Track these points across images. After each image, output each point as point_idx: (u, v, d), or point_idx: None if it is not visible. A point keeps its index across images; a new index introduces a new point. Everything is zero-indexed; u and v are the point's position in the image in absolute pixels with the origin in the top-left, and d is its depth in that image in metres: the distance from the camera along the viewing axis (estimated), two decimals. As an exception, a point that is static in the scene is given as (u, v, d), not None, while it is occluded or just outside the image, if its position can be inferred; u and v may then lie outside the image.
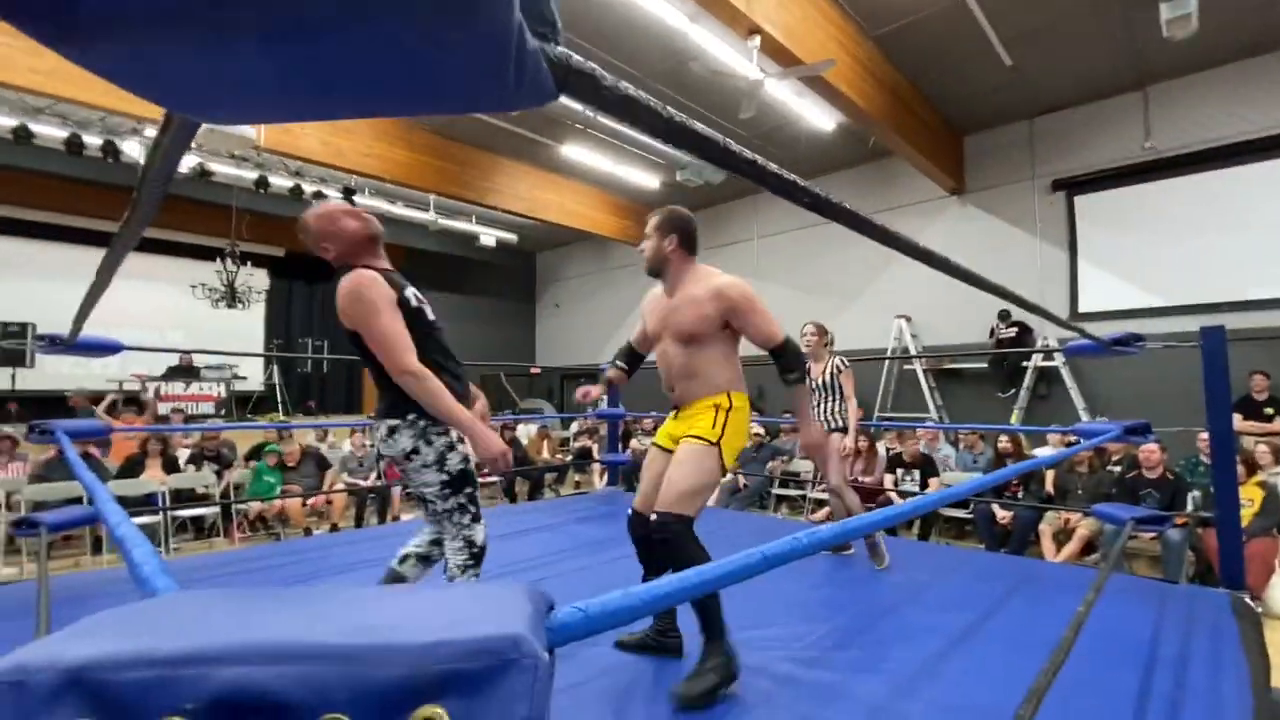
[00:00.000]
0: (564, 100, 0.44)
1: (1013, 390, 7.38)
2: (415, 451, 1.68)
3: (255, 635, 0.28)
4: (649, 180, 9.07)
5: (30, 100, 6.28)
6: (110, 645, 0.30)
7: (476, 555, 1.76)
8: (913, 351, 8.01)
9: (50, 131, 6.63)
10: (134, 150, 7.21)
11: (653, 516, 1.88)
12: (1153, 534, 3.97)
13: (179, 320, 10.45)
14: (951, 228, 8.15)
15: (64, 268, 8.83)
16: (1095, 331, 2.86)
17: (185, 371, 9.23)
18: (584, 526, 4.11)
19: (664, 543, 1.85)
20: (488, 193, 8.44)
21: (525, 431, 8.68)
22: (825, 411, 3.58)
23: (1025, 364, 7.25)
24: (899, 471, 5.40)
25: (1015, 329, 7.20)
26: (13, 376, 7.64)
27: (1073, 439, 4.84)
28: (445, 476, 1.71)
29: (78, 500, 4.84)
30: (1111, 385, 6.80)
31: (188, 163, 7.62)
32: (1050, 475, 5.09)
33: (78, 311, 1.76)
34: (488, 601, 0.36)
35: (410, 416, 1.67)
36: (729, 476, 6.45)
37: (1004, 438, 5.01)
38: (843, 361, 3.68)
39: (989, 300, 7.70)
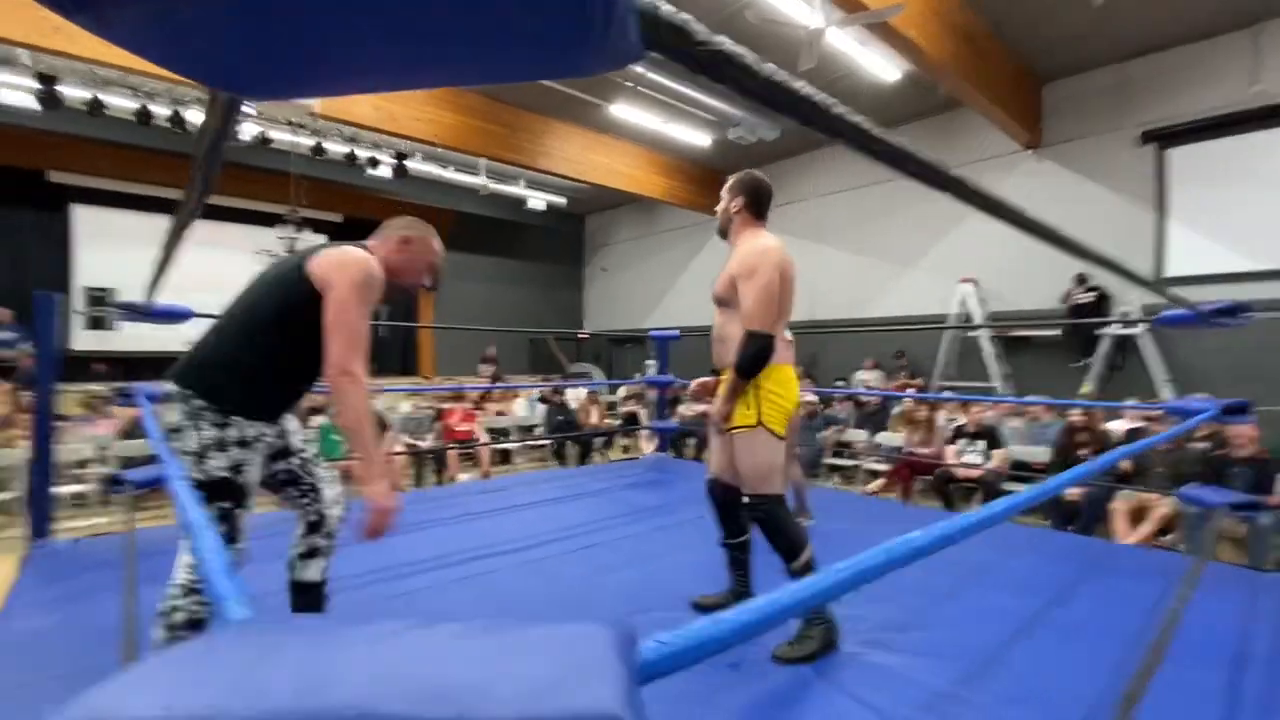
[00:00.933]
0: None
1: (1085, 360, 6.96)
2: (177, 431, 1.41)
3: (319, 701, 0.25)
4: (700, 138, 8.79)
5: (100, 72, 6.51)
6: (167, 702, 0.27)
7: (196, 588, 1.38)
8: (977, 318, 7.63)
9: (121, 103, 6.87)
10: (199, 119, 7.43)
11: (745, 499, 1.99)
12: (1242, 518, 3.70)
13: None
14: (1024, 184, 7.62)
15: (143, 235, 9.29)
16: (1188, 297, 2.60)
17: (253, 334, 9.65)
18: (633, 493, 4.13)
19: (763, 520, 1.94)
20: (537, 156, 8.36)
21: (574, 395, 8.76)
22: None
23: (1101, 332, 6.80)
24: (961, 442, 5.19)
25: (1093, 294, 6.74)
26: (100, 339, 8.15)
27: (1157, 415, 4.54)
28: (200, 476, 1.39)
29: (154, 458, 5.16)
30: (1198, 356, 6.32)
31: (249, 131, 7.81)
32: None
33: (150, 282, 1.80)
34: (573, 652, 0.32)
35: (188, 391, 1.40)
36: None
37: (1075, 410, 4.72)
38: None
39: (1060, 264, 7.21)
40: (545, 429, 7.79)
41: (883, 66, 6.59)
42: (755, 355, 1.90)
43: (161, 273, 1.63)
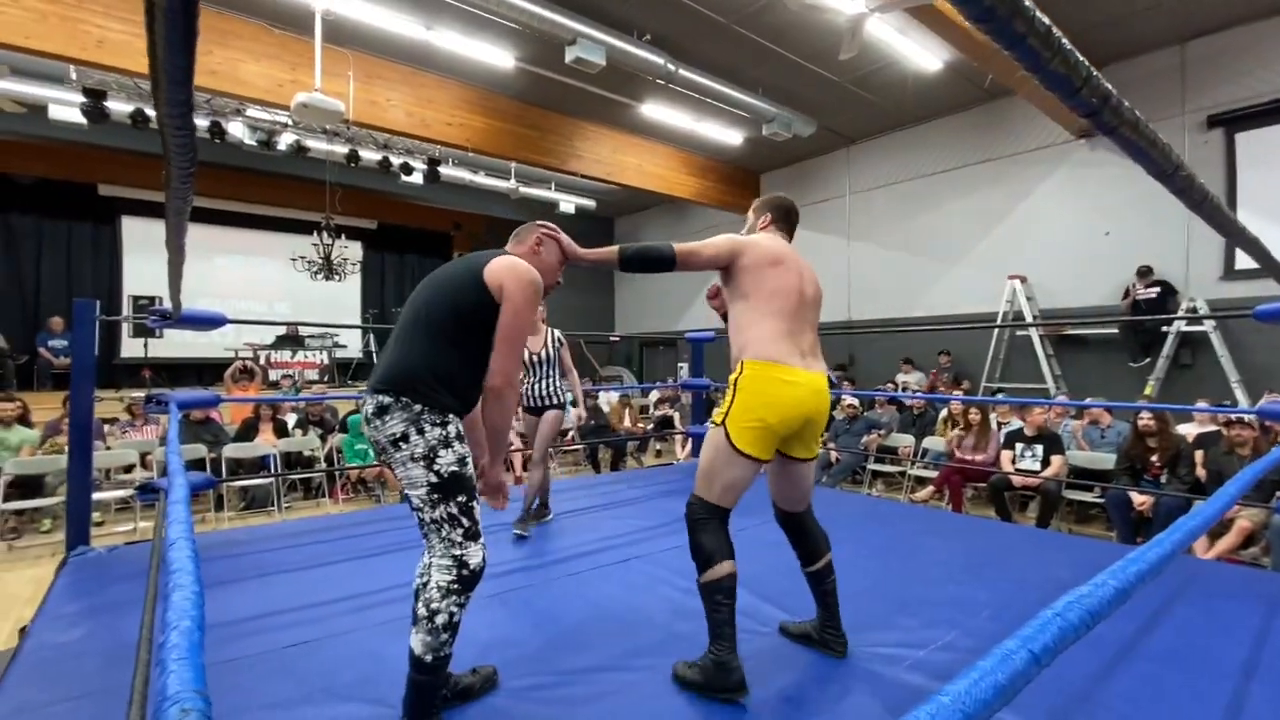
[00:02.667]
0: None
1: (1147, 359, 6.55)
2: (404, 439, 1.43)
3: None
4: (732, 136, 8.61)
5: (143, 86, 6.66)
6: None
7: (466, 579, 1.44)
8: (1028, 316, 7.26)
9: (164, 115, 7.02)
10: (237, 130, 7.57)
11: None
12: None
13: (285, 292, 11.11)
14: (1077, 175, 7.24)
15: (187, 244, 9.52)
16: (1254, 292, 2.35)
17: (292, 340, 9.82)
18: (668, 500, 3.98)
19: (687, 520, 1.78)
20: (568, 158, 8.29)
21: (606, 399, 8.65)
22: (546, 386, 3.44)
23: (1166, 329, 6.39)
24: (1018, 447, 4.89)
25: (1157, 289, 6.33)
26: (145, 345, 8.37)
27: (1234, 419, 4.20)
28: (434, 478, 1.43)
29: (200, 463, 5.23)
30: (1270, 354, 5.87)
31: (285, 140, 7.93)
32: (1199, 457, 4.46)
33: (170, 288, 1.73)
34: None
35: (405, 398, 1.44)
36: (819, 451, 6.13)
37: (1145, 414, 4.40)
38: (561, 335, 3.65)
39: (1117, 258, 6.83)
40: (578, 433, 7.69)
41: (924, 55, 6.33)
42: (640, 253, 1.87)
43: (176, 278, 1.55)
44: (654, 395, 9.34)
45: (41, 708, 1.59)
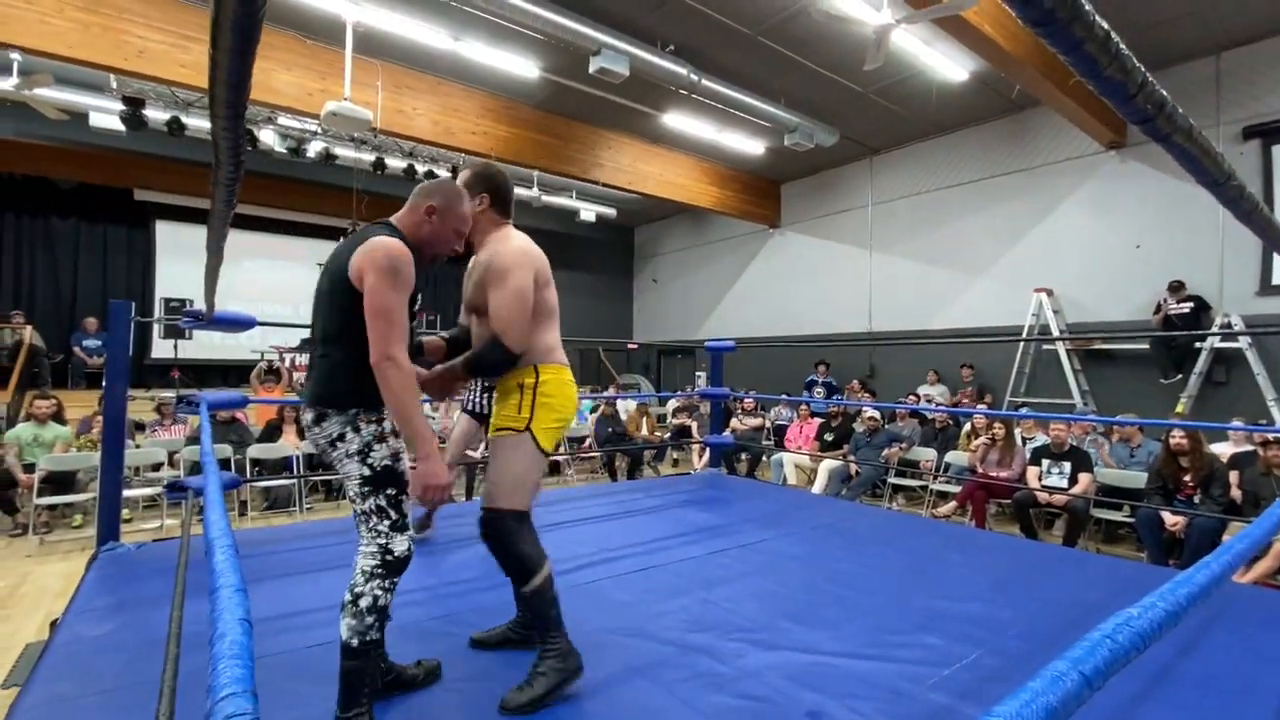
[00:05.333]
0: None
1: (1179, 376, 6.39)
2: (341, 438, 1.50)
3: None
4: (754, 146, 8.62)
5: (180, 94, 6.86)
6: None
7: (390, 565, 1.49)
8: (1055, 329, 7.13)
9: (199, 123, 7.21)
10: (268, 138, 7.75)
11: (480, 513, 1.73)
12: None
13: (309, 295, 11.27)
14: (1107, 187, 7.12)
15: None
16: None
17: (315, 344, 9.96)
18: (687, 510, 3.96)
19: (493, 538, 1.71)
20: (590, 167, 8.35)
21: (624, 408, 8.65)
22: (491, 397, 3.25)
23: (1199, 345, 6.23)
24: (1045, 463, 4.79)
25: (1190, 304, 6.18)
26: (175, 346, 8.56)
27: (1274, 438, 4.07)
28: (367, 470, 1.50)
29: (225, 462, 5.31)
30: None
31: (314, 148, 8.10)
32: (1234, 477, 4.33)
33: (205, 290, 1.77)
34: None
35: (338, 404, 1.50)
36: (838, 463, 6.07)
37: (1177, 432, 4.28)
38: None
39: (1148, 272, 6.69)
40: (596, 440, 7.70)
41: (950, 66, 6.29)
42: (493, 363, 1.72)
43: (213, 281, 1.59)
44: (671, 404, 9.32)
45: (73, 699, 1.62)
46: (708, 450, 6.03)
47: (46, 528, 4.96)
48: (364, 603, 1.45)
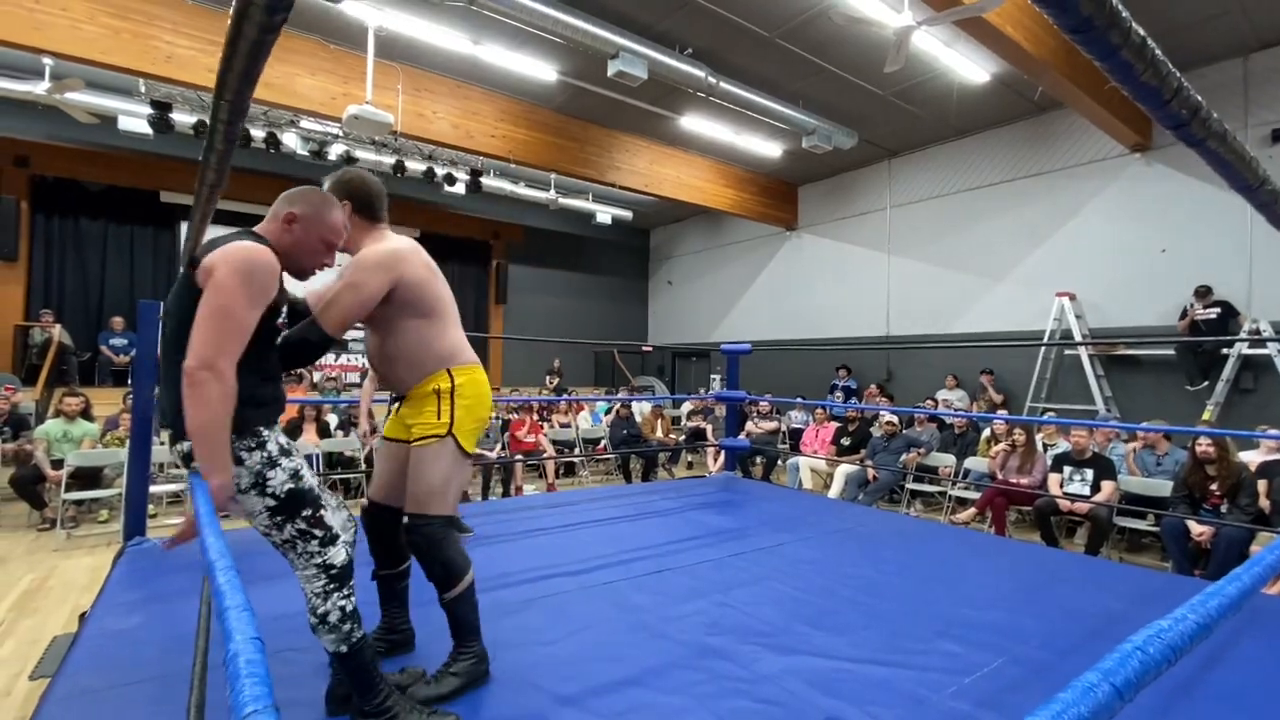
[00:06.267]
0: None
1: (1205, 383, 6.26)
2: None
3: None
4: (771, 149, 8.59)
5: (207, 98, 6.99)
6: None
7: (337, 575, 1.41)
8: (1077, 334, 7.02)
9: (224, 126, 7.35)
10: (291, 141, 7.87)
11: (404, 519, 1.71)
12: None
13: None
14: (1132, 190, 7.00)
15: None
16: None
17: (336, 343, 10.11)
18: (702, 513, 3.95)
19: (422, 544, 1.68)
20: (607, 170, 8.38)
21: (639, 409, 8.66)
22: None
23: (1226, 351, 6.10)
24: (1067, 470, 4.72)
25: (1217, 310, 6.06)
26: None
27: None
28: (271, 501, 1.37)
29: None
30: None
31: (335, 151, 8.21)
32: (1263, 486, 4.23)
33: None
34: None
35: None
36: (855, 468, 6.02)
37: (1204, 440, 4.19)
38: None
39: (1174, 277, 6.57)
40: (611, 442, 7.71)
41: (971, 68, 6.23)
42: (298, 345, 1.62)
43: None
44: (686, 406, 9.31)
45: (103, 691, 1.65)
46: (723, 453, 6.01)
47: (74, 522, 5.07)
48: (333, 618, 1.40)
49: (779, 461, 7.56)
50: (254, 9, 0.60)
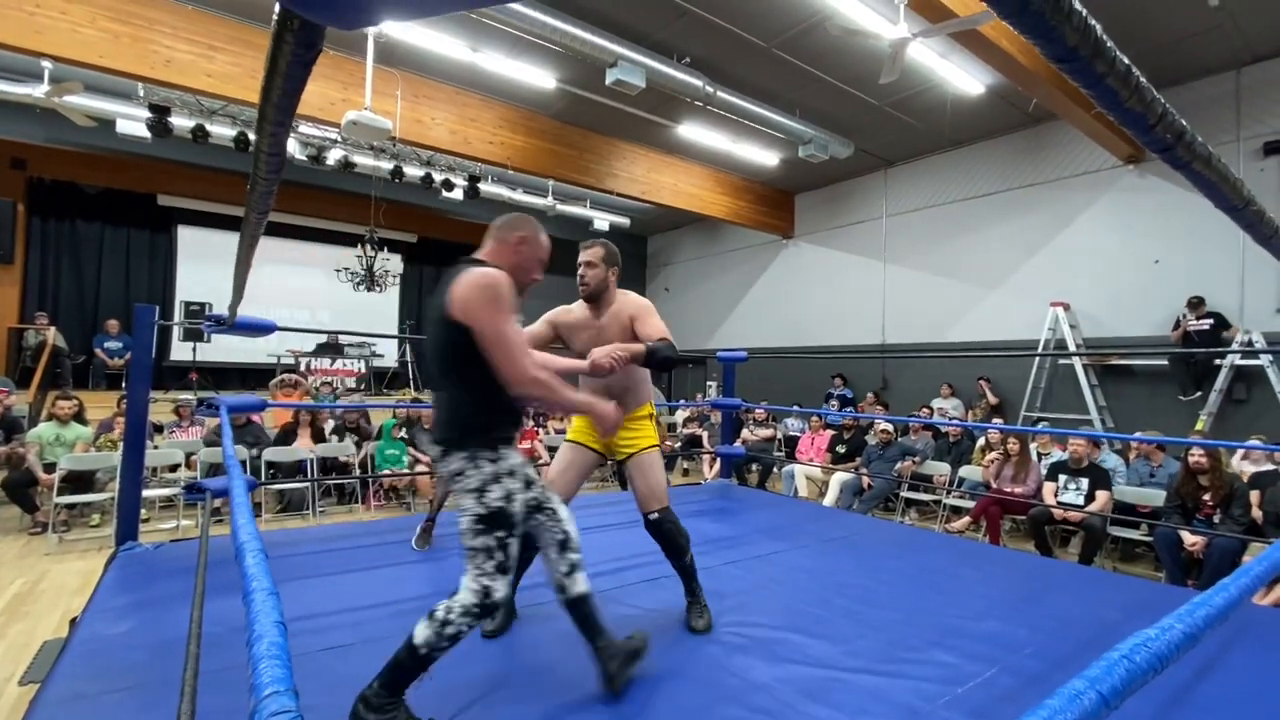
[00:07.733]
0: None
1: (1198, 393, 6.30)
2: (461, 473, 1.56)
3: None
4: (768, 158, 8.64)
5: (205, 103, 7.00)
6: None
7: (486, 607, 1.53)
8: (1071, 344, 7.06)
9: (222, 131, 7.36)
10: (290, 146, 7.88)
11: (651, 515, 2.27)
12: None
13: (327, 301, 11.44)
14: (1125, 202, 7.06)
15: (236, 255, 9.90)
16: None
17: (332, 349, 10.09)
18: (698, 521, 3.94)
19: (665, 530, 2.27)
20: (604, 177, 8.42)
21: (635, 416, 8.64)
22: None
23: (1219, 362, 6.15)
24: (1061, 479, 4.74)
25: (1209, 321, 6.11)
26: (194, 349, 8.69)
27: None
28: (481, 509, 1.54)
29: (242, 464, 5.37)
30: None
31: (334, 156, 8.22)
32: (1255, 497, 4.26)
33: (232, 296, 1.81)
34: None
35: (456, 442, 1.57)
36: (850, 475, 6.03)
37: (1196, 450, 4.21)
38: None
39: (1167, 287, 6.62)
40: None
41: (966, 79, 6.29)
42: (669, 358, 2.15)
43: (240, 287, 1.63)
44: (682, 414, 9.31)
45: (93, 697, 1.64)
46: (719, 460, 6.02)
47: (65, 526, 5.04)
48: (449, 630, 1.50)
49: (774, 469, 7.56)
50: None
